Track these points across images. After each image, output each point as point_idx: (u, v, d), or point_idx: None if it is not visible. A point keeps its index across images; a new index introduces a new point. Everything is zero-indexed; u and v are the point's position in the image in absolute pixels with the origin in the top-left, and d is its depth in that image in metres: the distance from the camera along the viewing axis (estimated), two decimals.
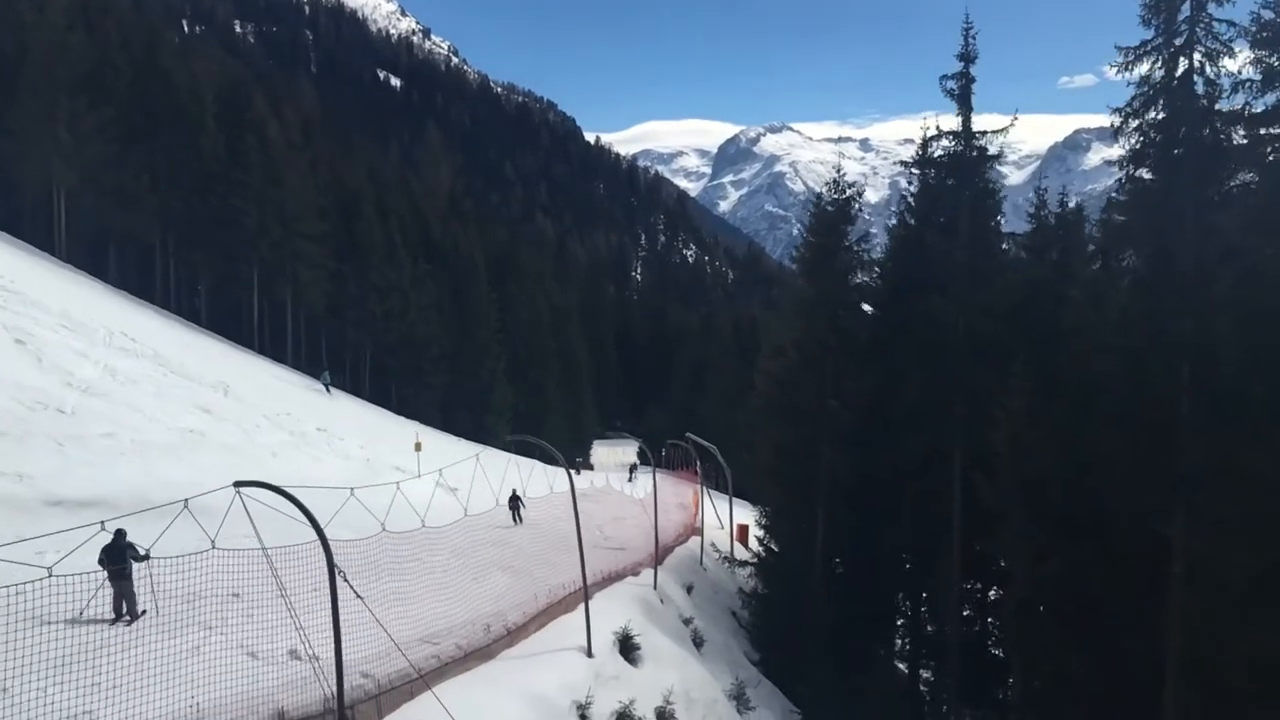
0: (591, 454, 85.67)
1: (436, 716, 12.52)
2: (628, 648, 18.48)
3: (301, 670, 11.67)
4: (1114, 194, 21.38)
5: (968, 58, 25.64)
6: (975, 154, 26.14)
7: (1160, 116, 18.92)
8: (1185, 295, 17.77)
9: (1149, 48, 18.90)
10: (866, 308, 30.00)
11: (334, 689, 10.73)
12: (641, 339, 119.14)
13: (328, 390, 50.23)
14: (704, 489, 39.95)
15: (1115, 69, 19.15)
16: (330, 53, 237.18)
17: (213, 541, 9.48)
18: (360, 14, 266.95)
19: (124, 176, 52.02)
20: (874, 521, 27.67)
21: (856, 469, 27.67)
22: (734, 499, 38.77)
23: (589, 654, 17.14)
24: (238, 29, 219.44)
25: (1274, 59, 16.58)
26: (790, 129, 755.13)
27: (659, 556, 29.79)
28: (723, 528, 38.93)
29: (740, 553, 35.15)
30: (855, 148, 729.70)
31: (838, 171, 28.13)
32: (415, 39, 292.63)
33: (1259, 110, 17.05)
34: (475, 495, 19.63)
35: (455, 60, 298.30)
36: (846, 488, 27.93)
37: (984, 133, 26.17)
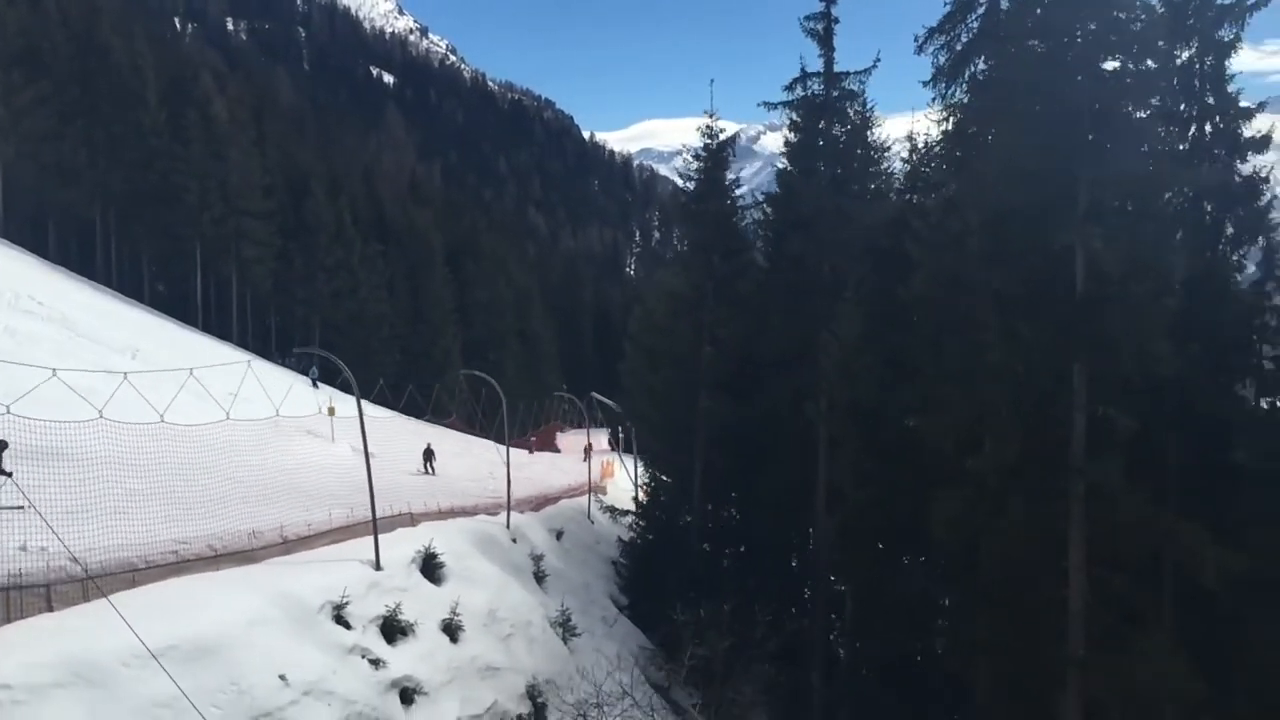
0: (558, 438, 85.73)
1: (146, 603, 12.53)
2: (430, 567, 18.38)
3: None
4: None
5: None
6: (838, 94, 26.03)
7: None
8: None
9: None
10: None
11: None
12: (620, 328, 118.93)
13: (315, 385, 50.70)
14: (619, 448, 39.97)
15: None
16: (323, 49, 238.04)
17: None
18: (354, 11, 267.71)
19: (62, 151, 52.23)
20: (750, 467, 27.56)
21: (733, 415, 27.56)
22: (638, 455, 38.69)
23: (377, 568, 17.06)
24: (229, 26, 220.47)
25: None
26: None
27: (538, 505, 29.92)
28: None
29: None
30: None
31: (710, 116, 27.97)
32: (412, 37, 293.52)
33: None
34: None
35: (453, 58, 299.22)
36: (723, 434, 27.83)
37: (847, 73, 26.06)
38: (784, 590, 27.63)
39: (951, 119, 19.17)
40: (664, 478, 29.24)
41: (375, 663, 14.69)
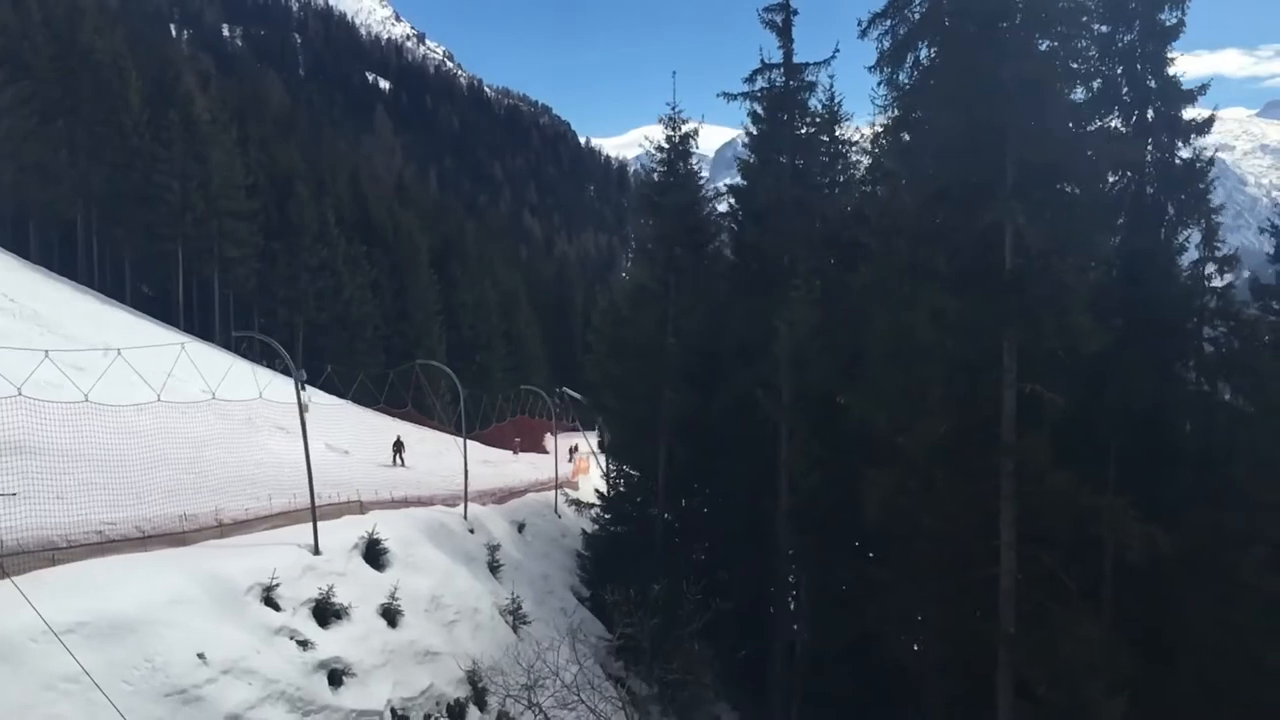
0: (546, 440, 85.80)
1: (63, 582, 12.50)
2: (374, 553, 18.29)
3: None
4: None
5: None
6: (797, 86, 26.04)
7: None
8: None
9: None
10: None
11: None
12: None
13: (303, 388, 50.56)
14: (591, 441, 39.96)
15: None
16: (319, 56, 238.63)
17: None
18: (350, 18, 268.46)
19: (43, 151, 52.28)
20: (715, 458, 27.50)
21: (697, 406, 27.50)
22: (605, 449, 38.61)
23: (315, 552, 16.98)
24: (225, 32, 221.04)
25: None
26: None
27: (502, 498, 29.88)
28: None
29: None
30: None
31: (672, 109, 27.95)
32: (409, 44, 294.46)
33: None
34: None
35: (449, 65, 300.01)
36: (687, 425, 27.75)
37: (806, 65, 26.08)
38: (749, 579, 27.60)
39: (896, 105, 19.17)
40: (628, 469, 29.17)
41: (303, 644, 14.59)
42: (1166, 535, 14.23)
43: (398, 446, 34.78)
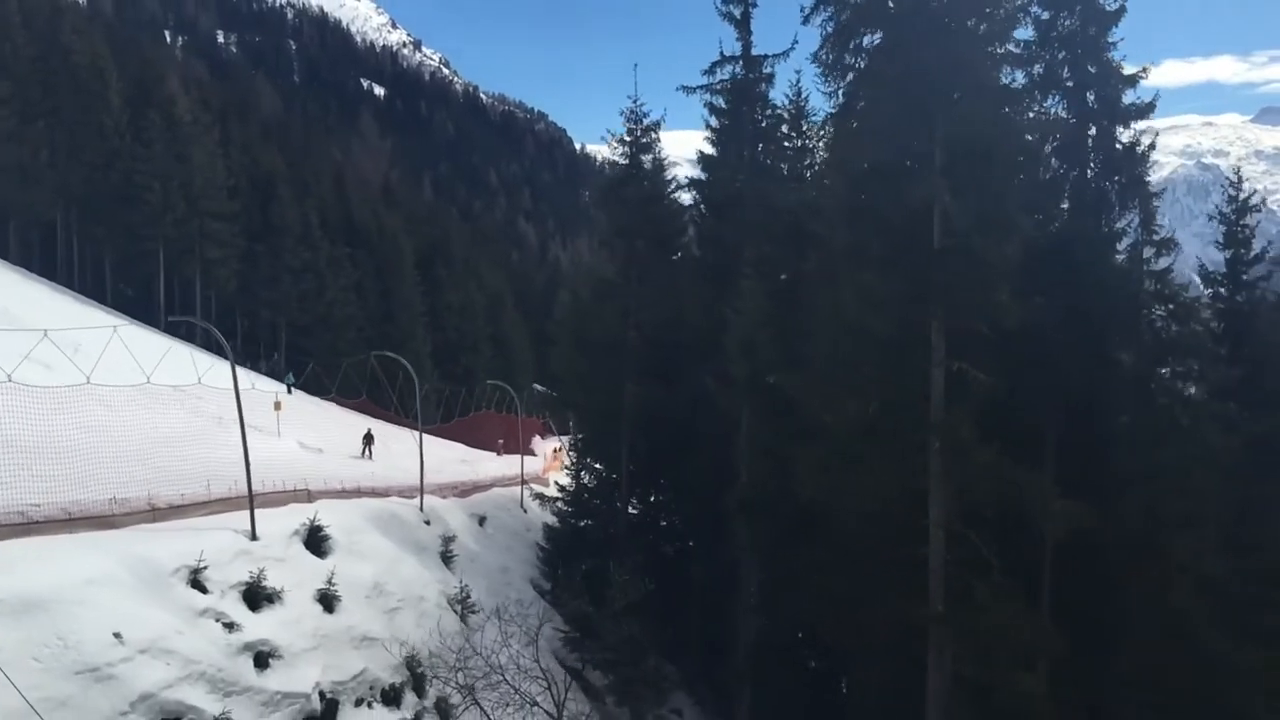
0: (533, 443, 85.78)
1: None
2: (315, 539, 18.26)
3: None
4: None
5: None
6: (756, 78, 26.07)
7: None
8: None
9: None
10: None
11: None
12: None
13: (289, 392, 50.80)
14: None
15: None
16: (314, 62, 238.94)
17: None
18: (345, 25, 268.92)
19: (23, 152, 52.30)
20: (678, 450, 27.47)
21: (659, 399, 27.47)
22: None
23: (253, 537, 16.92)
24: (220, 39, 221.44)
25: None
26: None
27: (465, 492, 29.85)
28: None
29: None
30: None
31: (633, 102, 27.97)
32: (405, 51, 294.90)
33: None
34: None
35: (445, 71, 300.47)
36: (651, 418, 27.72)
37: (765, 56, 26.12)
38: (711, 569, 27.56)
39: (842, 93, 19.15)
40: (593, 463, 29.12)
41: (230, 626, 14.52)
42: (1097, 514, 14.19)
43: (368, 439, 35.10)
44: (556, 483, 31.16)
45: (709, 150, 27.91)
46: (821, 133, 24.94)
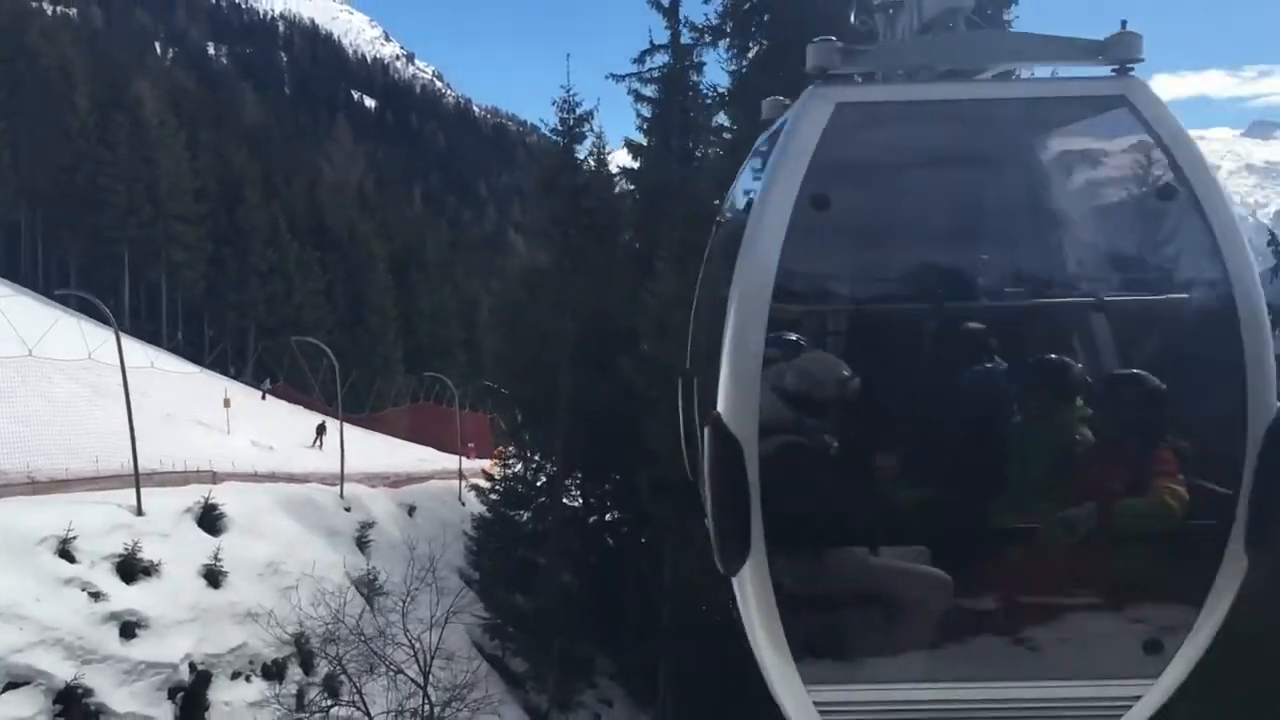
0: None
1: None
2: (210, 517, 18.12)
3: None
4: None
5: None
6: (684, 66, 26.09)
7: None
8: None
9: None
10: None
11: None
12: None
13: (264, 397, 50.77)
14: None
15: None
16: (304, 74, 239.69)
17: None
18: (338, 38, 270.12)
19: None
20: (612, 441, 27.25)
21: (595, 389, 27.29)
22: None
23: (138, 513, 16.77)
24: (210, 51, 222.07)
25: None
26: None
27: (397, 482, 29.67)
28: None
29: None
30: None
31: (567, 92, 27.93)
32: (398, 63, 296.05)
33: None
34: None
35: (438, 84, 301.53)
36: (585, 408, 27.53)
37: (694, 45, 26.12)
38: (645, 557, 27.38)
39: (743, 62, 19.14)
40: (529, 454, 28.90)
41: (96, 595, 14.38)
42: None
43: (320, 429, 35.16)
44: (484, 470, 30.92)
45: (639, 139, 27.88)
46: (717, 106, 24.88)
